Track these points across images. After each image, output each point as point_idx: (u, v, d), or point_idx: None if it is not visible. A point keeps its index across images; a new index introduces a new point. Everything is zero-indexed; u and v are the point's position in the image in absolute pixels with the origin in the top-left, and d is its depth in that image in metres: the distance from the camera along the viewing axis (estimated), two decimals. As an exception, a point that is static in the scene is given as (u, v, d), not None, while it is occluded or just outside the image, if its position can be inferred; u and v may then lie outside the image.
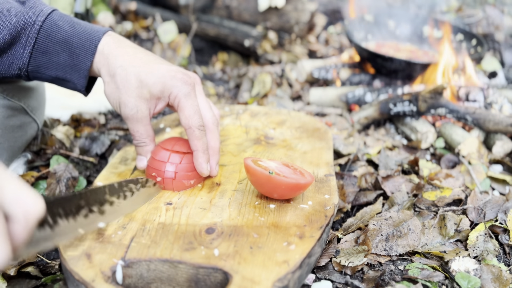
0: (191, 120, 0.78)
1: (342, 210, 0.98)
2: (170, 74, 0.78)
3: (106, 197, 0.67)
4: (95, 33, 0.77)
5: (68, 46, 0.76)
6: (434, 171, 1.15)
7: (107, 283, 0.59)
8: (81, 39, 0.76)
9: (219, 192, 0.82)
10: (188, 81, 0.79)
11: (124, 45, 0.79)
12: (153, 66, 0.78)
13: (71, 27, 0.76)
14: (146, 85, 0.77)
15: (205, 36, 2.59)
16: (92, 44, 0.76)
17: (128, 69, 0.76)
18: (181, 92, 0.78)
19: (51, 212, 0.56)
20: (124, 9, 3.00)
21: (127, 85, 0.76)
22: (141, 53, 0.80)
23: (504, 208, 0.96)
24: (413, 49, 1.86)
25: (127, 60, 0.77)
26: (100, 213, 0.65)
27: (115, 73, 0.76)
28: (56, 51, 0.76)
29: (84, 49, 0.76)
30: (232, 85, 2.00)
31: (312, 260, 0.71)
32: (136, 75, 0.76)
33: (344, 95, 1.57)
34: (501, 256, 0.85)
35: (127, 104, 0.77)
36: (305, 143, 1.04)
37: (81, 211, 0.62)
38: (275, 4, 2.37)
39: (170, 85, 0.78)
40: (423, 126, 1.34)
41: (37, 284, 0.72)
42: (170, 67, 0.80)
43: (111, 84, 0.78)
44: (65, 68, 0.77)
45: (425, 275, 0.75)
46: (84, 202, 0.63)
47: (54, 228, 0.56)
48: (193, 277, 0.63)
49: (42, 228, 0.54)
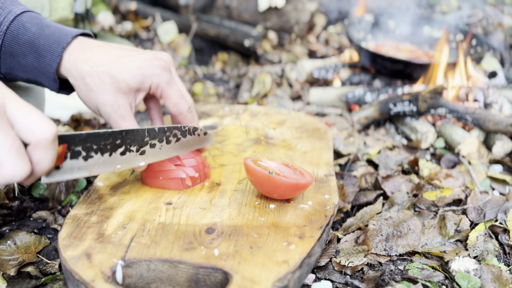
0: (180, 107, 0.79)
1: (342, 210, 0.98)
2: (146, 64, 0.76)
3: (145, 140, 0.74)
4: (64, 36, 0.74)
5: (34, 49, 0.73)
6: (434, 171, 1.15)
7: (107, 283, 0.59)
8: (48, 41, 0.73)
9: (219, 192, 0.82)
10: (166, 66, 0.77)
11: (90, 47, 0.76)
12: (124, 60, 0.75)
13: (39, 29, 0.73)
14: (122, 80, 0.74)
15: (205, 36, 2.59)
16: (58, 47, 0.73)
17: (98, 69, 0.73)
18: (163, 81, 0.77)
19: (84, 145, 0.65)
20: (124, 9, 3.00)
21: (101, 84, 0.74)
22: (110, 49, 0.77)
23: (504, 208, 0.96)
24: (413, 49, 1.86)
25: (95, 61, 0.74)
26: (139, 153, 0.74)
27: (85, 76, 0.74)
28: (22, 53, 0.73)
29: (50, 52, 0.73)
30: (232, 85, 2.00)
31: (312, 260, 0.71)
32: (108, 73, 0.74)
33: (344, 95, 1.57)
34: (501, 256, 0.85)
35: (106, 102, 0.74)
36: (305, 143, 1.04)
37: (117, 149, 0.70)
38: (275, 4, 2.37)
39: (149, 74, 0.76)
40: (423, 126, 1.34)
41: (37, 284, 0.72)
42: (143, 55, 0.77)
43: (82, 88, 0.75)
44: (33, 71, 0.75)
45: (425, 275, 0.75)
46: (120, 141, 0.71)
47: (88, 160, 0.66)
48: (193, 277, 0.63)
49: (75, 158, 0.65)
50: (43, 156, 0.54)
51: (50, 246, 0.82)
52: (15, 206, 0.88)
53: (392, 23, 1.97)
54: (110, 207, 0.76)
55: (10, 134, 0.50)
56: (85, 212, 0.74)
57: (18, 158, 0.50)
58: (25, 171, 0.51)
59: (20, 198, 0.92)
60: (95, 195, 0.80)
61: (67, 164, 0.64)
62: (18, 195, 0.92)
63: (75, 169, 0.66)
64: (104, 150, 0.69)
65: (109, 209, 0.75)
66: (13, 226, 0.86)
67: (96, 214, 0.74)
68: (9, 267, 0.74)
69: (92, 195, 0.80)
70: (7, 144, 0.49)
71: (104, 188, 0.83)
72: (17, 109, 0.51)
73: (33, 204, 0.94)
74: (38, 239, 0.81)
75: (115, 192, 0.81)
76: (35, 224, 0.88)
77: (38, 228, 0.87)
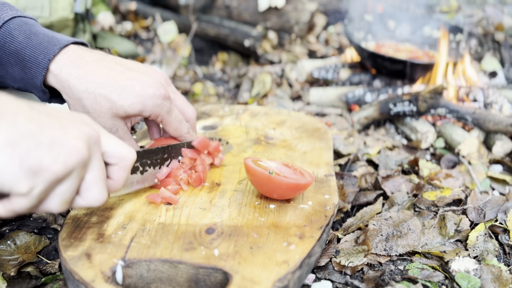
0: (179, 131, 0.82)
1: (342, 210, 0.98)
2: (147, 93, 0.73)
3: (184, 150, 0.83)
4: (51, 47, 0.70)
5: (20, 59, 0.70)
6: (434, 171, 1.15)
7: (107, 283, 0.59)
8: (34, 52, 0.69)
9: (219, 192, 0.82)
10: (166, 94, 0.75)
11: (85, 62, 0.72)
12: (123, 85, 0.72)
13: (27, 38, 0.70)
14: (121, 107, 0.72)
15: (205, 36, 2.59)
16: (44, 59, 0.69)
17: (95, 91, 0.70)
18: (163, 111, 0.76)
19: (141, 161, 0.75)
20: (124, 9, 3.00)
21: (99, 108, 0.71)
22: (106, 67, 0.73)
23: (504, 208, 0.96)
24: (413, 49, 1.86)
25: (91, 81, 0.70)
26: (179, 161, 0.83)
27: (81, 97, 0.71)
28: (10, 62, 0.70)
29: (35, 64, 0.70)
30: (232, 85, 2.00)
31: (312, 260, 0.71)
32: (106, 97, 0.71)
33: (344, 95, 1.57)
34: (501, 256, 0.85)
35: (103, 125, 0.73)
36: (305, 143, 1.04)
37: (165, 162, 0.81)
38: (275, 4, 2.37)
39: (150, 105, 0.73)
40: (423, 126, 1.34)
41: (37, 284, 0.72)
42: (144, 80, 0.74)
43: (77, 107, 0.72)
44: (22, 81, 0.72)
45: (425, 275, 0.75)
46: (167, 155, 0.80)
47: (144, 173, 0.77)
48: (193, 277, 0.63)
49: (135, 173, 0.75)
50: (123, 176, 0.61)
51: (50, 246, 0.82)
52: (15, 206, 0.88)
53: (392, 23, 1.97)
54: (110, 207, 0.76)
55: (102, 163, 0.56)
56: (85, 212, 0.74)
57: (103, 185, 0.57)
58: (105, 197, 0.57)
59: (20, 198, 0.92)
60: (95, 195, 0.80)
61: (128, 179, 0.73)
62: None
63: (134, 183, 0.75)
64: (155, 164, 0.79)
65: (109, 209, 0.75)
66: (13, 226, 0.86)
67: (96, 215, 0.74)
68: (9, 267, 0.74)
69: (92, 195, 0.80)
70: (99, 172, 0.55)
71: (104, 188, 0.82)
72: (108, 137, 0.58)
73: (33, 204, 0.94)
74: (38, 239, 0.81)
75: (115, 192, 0.81)
76: (35, 224, 0.88)
77: (38, 228, 0.87)
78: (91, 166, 0.54)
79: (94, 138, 0.54)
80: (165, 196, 0.77)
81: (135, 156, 0.61)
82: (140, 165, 0.75)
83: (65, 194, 0.52)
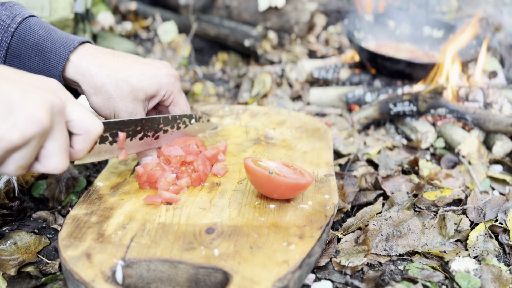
0: (186, 112, 0.88)
1: (342, 210, 0.98)
2: (162, 72, 0.81)
3: (160, 126, 0.83)
4: (70, 41, 0.76)
5: (40, 51, 0.74)
6: (434, 171, 1.15)
7: (107, 283, 0.59)
8: (55, 44, 0.74)
9: (219, 192, 0.82)
10: (176, 74, 0.84)
11: (102, 54, 0.78)
12: (138, 68, 0.79)
13: (47, 32, 0.75)
14: (141, 88, 0.78)
15: (205, 36, 2.59)
16: (65, 50, 0.74)
17: (116, 76, 0.77)
18: (176, 89, 0.84)
19: (111, 132, 0.74)
20: (124, 9, 3.00)
21: (121, 92, 0.77)
22: (121, 57, 0.80)
23: (504, 208, 0.96)
24: (413, 49, 1.86)
25: (111, 67, 0.77)
26: (155, 138, 0.83)
27: (104, 83, 0.76)
28: (29, 55, 0.74)
29: (56, 55, 0.74)
30: (232, 85, 2.00)
31: (312, 260, 0.71)
32: (126, 81, 0.77)
33: (344, 95, 1.57)
34: (501, 256, 0.85)
35: (125, 109, 0.78)
36: (305, 143, 1.04)
37: (137, 135, 0.80)
38: (275, 4, 2.37)
39: (166, 83, 0.81)
40: (423, 126, 1.34)
41: (37, 284, 0.72)
42: (155, 64, 0.82)
43: (99, 95, 0.77)
44: (39, 73, 0.75)
45: (425, 275, 0.75)
46: (140, 127, 0.79)
47: (113, 144, 0.76)
48: (193, 277, 0.63)
49: (103, 143, 0.74)
50: (86, 147, 0.61)
51: (50, 246, 0.82)
52: (15, 206, 0.88)
53: (392, 23, 1.97)
54: (110, 207, 0.76)
55: (65, 133, 0.56)
56: (85, 212, 0.74)
57: (65, 155, 0.57)
58: (66, 166, 0.58)
59: (20, 198, 0.92)
60: (95, 195, 0.80)
61: (96, 148, 0.73)
62: (18, 195, 0.92)
63: (102, 152, 0.75)
64: (127, 135, 0.78)
65: (109, 209, 0.75)
66: (13, 226, 0.86)
67: (96, 214, 0.74)
68: (9, 267, 0.74)
69: (92, 195, 0.80)
70: (61, 141, 0.55)
71: (104, 188, 0.83)
72: (75, 107, 0.58)
73: (33, 204, 0.94)
74: (38, 239, 0.81)
75: (115, 192, 0.81)
76: (35, 224, 0.88)
77: (38, 228, 0.87)
78: (52, 135, 0.54)
79: (58, 107, 0.54)
80: (165, 197, 0.77)
81: (100, 129, 0.61)
82: (110, 135, 0.74)
83: (22, 161, 0.53)
